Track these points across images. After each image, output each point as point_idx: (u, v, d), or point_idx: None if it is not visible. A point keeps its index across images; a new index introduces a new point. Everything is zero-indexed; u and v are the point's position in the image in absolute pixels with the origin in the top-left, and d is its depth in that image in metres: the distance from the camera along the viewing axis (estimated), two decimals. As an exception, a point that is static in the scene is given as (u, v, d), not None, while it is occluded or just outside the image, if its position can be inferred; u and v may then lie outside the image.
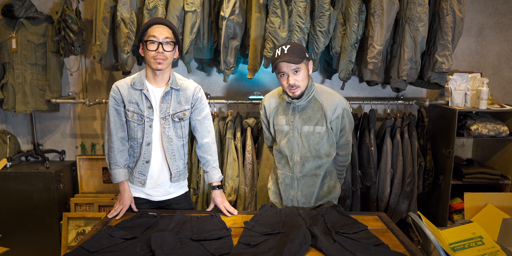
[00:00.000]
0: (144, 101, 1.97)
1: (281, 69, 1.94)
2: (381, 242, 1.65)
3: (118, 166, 2.01)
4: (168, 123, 2.00)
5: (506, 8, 3.25)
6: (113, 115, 2.00)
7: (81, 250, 1.57)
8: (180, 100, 2.02)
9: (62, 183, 3.16)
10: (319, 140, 2.04)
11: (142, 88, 1.97)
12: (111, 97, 2.00)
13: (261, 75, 3.30)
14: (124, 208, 1.99)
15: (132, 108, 1.97)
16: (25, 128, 3.41)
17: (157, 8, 2.65)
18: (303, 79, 1.96)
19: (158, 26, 1.91)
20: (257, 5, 2.62)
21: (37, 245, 3.11)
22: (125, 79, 2.03)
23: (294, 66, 1.92)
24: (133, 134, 2.01)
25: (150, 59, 1.91)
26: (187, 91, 2.03)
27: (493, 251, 1.72)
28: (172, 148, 2.02)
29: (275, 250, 1.56)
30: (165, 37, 1.89)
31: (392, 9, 2.59)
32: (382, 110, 3.37)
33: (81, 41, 3.04)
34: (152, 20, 1.94)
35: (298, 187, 2.10)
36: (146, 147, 2.00)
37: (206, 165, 2.12)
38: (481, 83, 2.94)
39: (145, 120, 1.97)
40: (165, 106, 1.99)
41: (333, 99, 2.04)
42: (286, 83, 1.95)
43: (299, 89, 1.96)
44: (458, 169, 3.00)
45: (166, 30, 1.92)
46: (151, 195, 2.08)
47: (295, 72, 1.93)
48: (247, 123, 2.98)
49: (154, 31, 1.90)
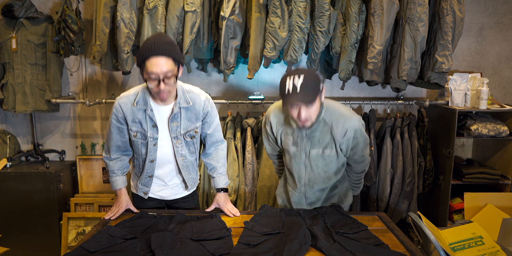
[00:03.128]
0: (148, 120, 1.87)
1: (292, 106, 1.74)
2: (381, 242, 1.65)
3: (116, 174, 2.01)
4: (180, 142, 1.93)
5: (506, 8, 3.25)
6: (115, 132, 1.93)
7: (81, 250, 1.57)
8: (190, 117, 1.91)
9: (62, 183, 3.16)
10: (328, 162, 1.94)
11: (145, 108, 1.86)
12: (113, 114, 1.90)
13: (261, 75, 3.30)
14: (120, 210, 1.98)
15: (135, 127, 1.89)
16: (25, 128, 3.41)
17: (157, 8, 2.65)
18: (315, 111, 1.78)
19: (155, 59, 1.69)
20: (257, 5, 2.62)
21: (37, 245, 3.11)
22: (128, 95, 1.90)
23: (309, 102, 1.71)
24: (137, 151, 1.96)
25: (153, 93, 1.80)
26: (196, 106, 1.91)
27: (493, 251, 1.72)
28: (187, 164, 2.00)
29: (275, 250, 1.56)
30: (165, 72, 1.71)
31: (392, 9, 2.59)
32: (382, 110, 3.37)
33: (81, 41, 3.04)
34: (147, 52, 1.70)
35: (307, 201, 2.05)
36: (150, 164, 1.95)
37: (212, 171, 2.09)
38: (481, 83, 2.94)
39: (148, 139, 1.90)
40: (175, 125, 1.90)
41: (344, 122, 1.85)
42: (297, 116, 1.77)
43: (310, 122, 1.80)
44: (458, 169, 3.00)
45: (165, 61, 1.70)
46: (159, 195, 2.08)
47: (307, 106, 1.73)
48: (247, 123, 2.98)
49: (152, 66, 1.70)
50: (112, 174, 2.02)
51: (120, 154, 2.00)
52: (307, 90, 1.68)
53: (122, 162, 2.01)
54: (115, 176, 2.02)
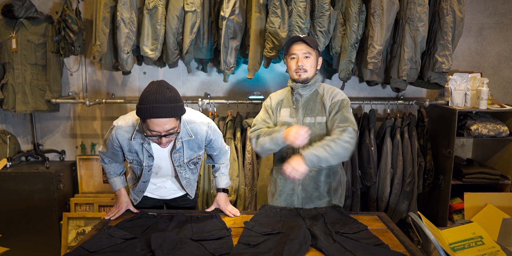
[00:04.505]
0: (145, 152, 1.85)
1: (293, 51, 2.03)
2: (381, 242, 1.65)
3: (113, 175, 2.05)
4: (184, 169, 1.95)
5: (506, 8, 3.25)
6: (110, 152, 1.92)
7: (81, 250, 1.57)
8: (192, 147, 1.89)
9: (62, 183, 3.16)
10: (320, 131, 2.03)
11: (143, 142, 1.82)
12: (109, 141, 1.85)
13: (261, 75, 3.30)
14: (120, 211, 2.00)
15: (131, 156, 1.88)
16: (25, 128, 3.41)
17: (157, 8, 2.65)
18: (311, 66, 2.03)
19: (157, 120, 1.61)
20: (257, 5, 2.62)
21: (37, 245, 3.11)
22: (126, 126, 1.81)
23: (305, 50, 2.01)
24: (133, 170, 2.01)
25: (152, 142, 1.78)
26: (198, 136, 1.87)
27: (493, 251, 1.72)
28: (190, 182, 2.04)
29: (275, 250, 1.56)
30: (167, 130, 1.65)
31: (392, 9, 2.59)
32: (382, 110, 3.37)
33: (81, 41, 3.04)
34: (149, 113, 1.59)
35: (300, 181, 2.06)
36: (143, 183, 1.99)
37: (215, 170, 2.14)
38: (481, 83, 2.94)
39: (144, 167, 1.90)
40: (178, 155, 1.88)
41: (335, 90, 2.09)
42: (295, 65, 2.02)
43: (305, 74, 2.03)
44: (458, 169, 3.00)
45: (167, 121, 1.62)
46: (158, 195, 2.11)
47: (305, 57, 2.02)
48: (247, 123, 2.98)
49: (154, 125, 1.62)
50: (110, 175, 2.05)
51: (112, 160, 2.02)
52: (308, 39, 2.02)
53: (116, 164, 2.04)
54: (113, 177, 2.05)
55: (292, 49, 2.04)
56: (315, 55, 2.05)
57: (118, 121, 1.84)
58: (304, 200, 2.10)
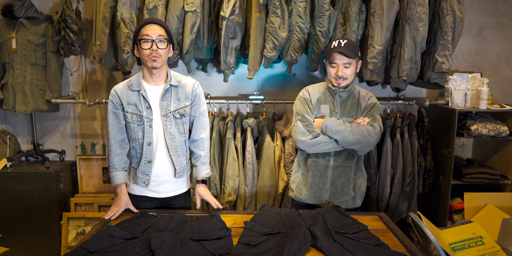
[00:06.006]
0: (143, 101, 2.01)
1: (334, 60, 2.08)
2: (381, 242, 1.65)
3: (116, 169, 2.06)
4: (169, 120, 2.04)
5: (506, 8, 3.25)
6: (112, 118, 2.04)
7: (81, 250, 1.57)
8: (180, 96, 2.06)
9: (62, 183, 3.16)
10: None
11: (139, 89, 2.01)
12: (110, 101, 2.04)
13: (261, 75, 3.30)
14: (119, 210, 2.01)
15: (130, 109, 2.01)
16: (25, 128, 3.41)
17: (157, 8, 2.65)
18: (351, 74, 2.11)
19: (150, 25, 1.96)
20: (257, 5, 2.62)
21: (37, 245, 3.11)
22: (122, 82, 2.09)
23: (346, 60, 2.07)
24: (134, 135, 2.05)
25: (145, 58, 1.96)
26: (186, 88, 2.08)
27: (493, 251, 1.72)
28: (175, 144, 2.07)
29: (275, 250, 1.56)
30: (158, 35, 1.94)
31: (392, 9, 2.59)
32: (382, 110, 3.37)
33: (81, 41, 3.04)
34: (144, 20, 2.00)
35: (331, 176, 2.17)
36: (147, 147, 2.03)
37: (197, 159, 2.16)
38: (481, 83, 2.94)
39: (144, 120, 2.01)
40: (166, 103, 2.03)
41: (369, 94, 2.22)
42: (335, 74, 2.09)
43: (345, 82, 2.11)
44: (458, 169, 3.00)
45: (159, 28, 1.96)
46: (156, 191, 2.12)
47: (345, 66, 2.08)
48: (247, 123, 2.97)
49: (147, 30, 1.95)
50: (113, 169, 2.06)
51: (118, 146, 2.05)
52: (349, 48, 2.05)
53: (121, 156, 2.06)
54: (115, 171, 2.06)
55: (333, 57, 2.09)
56: (355, 62, 2.12)
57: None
58: (333, 195, 2.18)
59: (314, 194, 2.19)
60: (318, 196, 2.19)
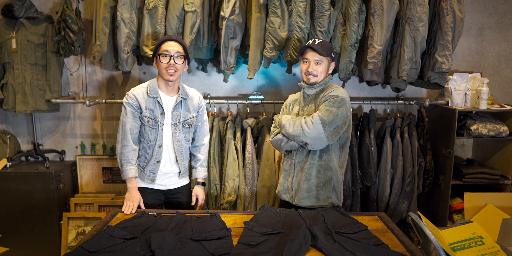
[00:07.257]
0: (158, 108, 2.22)
1: (305, 56, 2.15)
2: (381, 242, 1.65)
3: (130, 163, 2.21)
4: (178, 129, 2.27)
5: (506, 8, 3.25)
6: (130, 117, 2.19)
7: (81, 250, 1.57)
8: (188, 108, 2.30)
9: (62, 183, 3.16)
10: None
11: (156, 96, 2.21)
12: (128, 103, 2.20)
13: (261, 75, 3.30)
14: (135, 204, 2.15)
15: (148, 114, 2.21)
16: (25, 128, 3.41)
17: (157, 8, 2.65)
18: (322, 72, 2.15)
19: (170, 42, 2.18)
20: (257, 5, 2.62)
21: (37, 245, 3.11)
22: (138, 87, 2.25)
23: (318, 57, 2.12)
24: (147, 137, 2.24)
25: (163, 70, 2.17)
26: (194, 100, 2.33)
27: (493, 251, 1.72)
28: (182, 150, 2.31)
29: (275, 250, 1.56)
30: (176, 51, 2.16)
31: (392, 9, 2.59)
32: (382, 110, 3.37)
33: (81, 41, 3.04)
34: (165, 37, 2.22)
35: (294, 173, 2.20)
36: (158, 148, 2.24)
37: (197, 162, 2.43)
38: (481, 83, 2.94)
39: (158, 125, 2.22)
40: (176, 113, 2.26)
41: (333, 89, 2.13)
42: (305, 69, 2.15)
43: (314, 78, 2.15)
44: (458, 169, 3.00)
45: (177, 45, 2.18)
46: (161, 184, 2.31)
47: (316, 63, 2.13)
48: (247, 123, 2.98)
49: (167, 46, 2.16)
50: (127, 163, 2.20)
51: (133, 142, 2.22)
52: (322, 47, 2.11)
53: (135, 152, 2.23)
54: (129, 165, 2.20)
55: (306, 53, 2.15)
56: (327, 61, 2.16)
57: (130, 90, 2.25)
58: (296, 192, 2.19)
59: (284, 191, 2.26)
60: (287, 193, 2.24)
